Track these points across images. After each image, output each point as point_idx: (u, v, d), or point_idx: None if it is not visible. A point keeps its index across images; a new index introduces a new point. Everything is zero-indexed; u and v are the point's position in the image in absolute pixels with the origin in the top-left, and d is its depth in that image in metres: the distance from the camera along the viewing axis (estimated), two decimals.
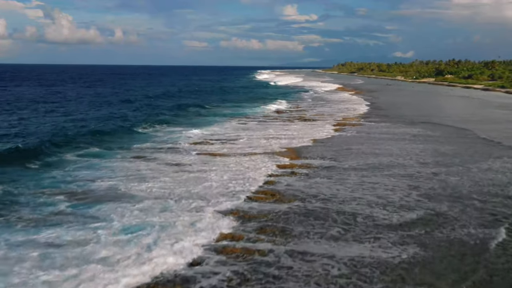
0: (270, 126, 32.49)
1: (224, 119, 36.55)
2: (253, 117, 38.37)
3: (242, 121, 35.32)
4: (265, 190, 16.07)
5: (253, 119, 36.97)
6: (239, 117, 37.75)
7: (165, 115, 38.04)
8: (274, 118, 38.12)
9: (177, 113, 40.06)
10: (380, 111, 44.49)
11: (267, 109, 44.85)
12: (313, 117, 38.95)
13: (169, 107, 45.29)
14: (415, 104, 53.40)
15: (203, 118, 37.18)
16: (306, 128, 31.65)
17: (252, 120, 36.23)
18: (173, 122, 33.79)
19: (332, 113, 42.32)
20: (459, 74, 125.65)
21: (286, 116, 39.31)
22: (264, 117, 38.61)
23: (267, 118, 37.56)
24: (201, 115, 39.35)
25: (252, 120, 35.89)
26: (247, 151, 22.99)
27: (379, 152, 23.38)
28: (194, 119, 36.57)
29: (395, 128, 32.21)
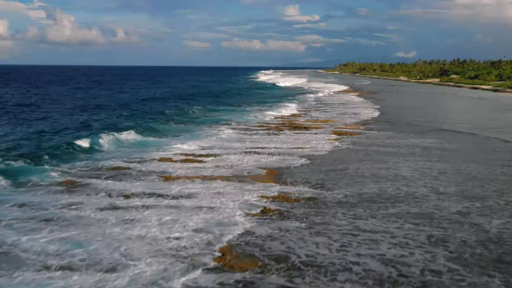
0: (258, 137, 27.00)
1: (208, 127, 31.06)
2: (244, 125, 32.74)
3: (229, 129, 29.67)
4: (212, 250, 10.57)
5: (243, 127, 31.37)
6: (228, 125, 32.11)
7: (142, 122, 32.44)
8: (266, 125, 32.58)
9: (159, 119, 34.38)
10: (383, 115, 38.89)
11: (263, 115, 39.25)
12: (309, 124, 33.42)
13: (154, 111, 39.77)
14: (422, 107, 47.70)
15: (183, 127, 31.51)
16: (298, 139, 26.11)
17: (242, 128, 30.63)
18: (147, 132, 28.11)
19: (331, 118, 36.80)
20: (464, 74, 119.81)
21: (279, 124, 33.75)
22: (255, 124, 33.05)
23: (259, 126, 32.02)
24: (183, 123, 33.71)
25: (242, 129, 30.32)
26: (213, 175, 17.51)
27: (382, 173, 17.85)
28: (174, 128, 30.79)
29: (402, 138, 26.63)
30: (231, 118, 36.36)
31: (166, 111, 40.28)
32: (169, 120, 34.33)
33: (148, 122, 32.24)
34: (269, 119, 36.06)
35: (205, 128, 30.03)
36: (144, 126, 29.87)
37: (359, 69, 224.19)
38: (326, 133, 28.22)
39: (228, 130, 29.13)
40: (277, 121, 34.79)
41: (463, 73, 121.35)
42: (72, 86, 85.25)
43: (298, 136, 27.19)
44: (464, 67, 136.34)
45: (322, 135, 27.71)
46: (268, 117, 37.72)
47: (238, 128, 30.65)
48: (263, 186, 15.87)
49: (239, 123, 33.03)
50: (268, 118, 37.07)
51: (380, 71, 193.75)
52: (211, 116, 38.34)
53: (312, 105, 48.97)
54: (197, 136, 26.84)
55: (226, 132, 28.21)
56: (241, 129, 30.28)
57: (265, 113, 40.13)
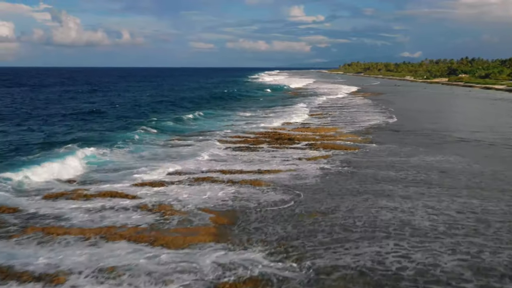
0: (236, 153, 20.83)
1: (196, 141, 24.89)
2: (238, 137, 26.60)
3: (220, 144, 23.46)
4: None
5: (237, 140, 25.24)
6: (221, 136, 25.81)
7: (114, 135, 26.14)
8: (245, 138, 26.36)
9: (140, 132, 27.38)
10: (387, 121, 32.51)
11: (250, 125, 33.09)
12: (298, 134, 27.19)
13: (139, 119, 33.26)
14: (433, 111, 41.12)
15: (164, 143, 24.87)
16: (277, 157, 19.94)
17: (235, 141, 24.48)
18: (112, 152, 21.65)
19: (325, 125, 30.50)
20: (474, 73, 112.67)
21: (260, 135, 27.49)
22: (236, 139, 26.85)
23: (240, 141, 25.82)
24: (168, 135, 27.19)
25: (236, 142, 24.16)
26: (125, 224, 11.38)
27: (382, 223, 11.59)
28: (150, 144, 24.16)
29: (411, 154, 20.27)
30: (226, 127, 30.20)
31: (154, 119, 33.07)
32: (152, 131, 27.42)
33: (125, 134, 26.03)
34: (256, 130, 29.81)
35: (192, 143, 23.49)
36: (114, 141, 23.53)
37: (364, 69, 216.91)
38: (316, 148, 21.92)
39: (218, 145, 22.68)
40: (261, 132, 28.52)
41: (472, 72, 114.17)
42: (61, 88, 79.32)
43: (279, 153, 20.92)
44: (473, 66, 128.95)
45: (310, 151, 21.43)
46: (257, 125, 31.51)
47: (230, 141, 24.35)
48: (188, 256, 9.62)
49: (232, 133, 26.83)
50: (258, 127, 30.86)
51: (385, 70, 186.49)
52: (205, 125, 31.39)
53: (313, 111, 42.61)
54: (176, 155, 20.36)
55: (213, 150, 21.37)
56: (235, 142, 24.04)
57: (259, 122, 33.93)
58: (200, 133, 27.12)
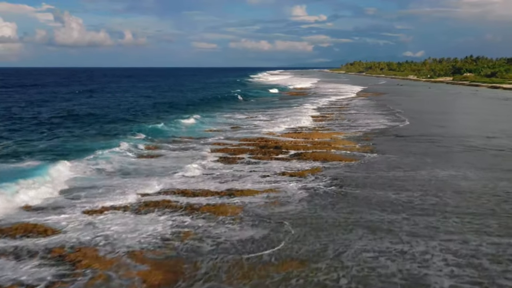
0: (206, 170, 17.31)
1: (183, 150, 21.31)
2: (231, 145, 23.13)
3: (212, 155, 20.10)
4: None
5: (230, 149, 21.76)
6: (199, 148, 22.44)
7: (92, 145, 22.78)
8: (225, 149, 22.85)
9: (134, 140, 24.13)
10: (390, 125, 28.92)
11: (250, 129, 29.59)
12: (288, 140, 23.69)
13: (133, 125, 29.74)
14: (440, 112, 37.36)
15: (147, 155, 21.71)
16: (255, 173, 16.43)
17: (227, 151, 21.02)
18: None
19: (317, 130, 26.93)
20: (479, 72, 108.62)
21: (243, 143, 23.98)
22: (217, 146, 23.36)
23: (220, 149, 22.31)
24: (156, 146, 23.91)
25: (228, 152, 20.69)
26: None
27: (376, 284, 8.05)
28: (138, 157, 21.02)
29: (417, 167, 16.68)
30: (221, 133, 26.67)
31: (145, 124, 28.65)
32: (139, 138, 23.40)
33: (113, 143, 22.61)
34: (251, 136, 26.29)
35: (178, 154, 19.73)
36: (89, 152, 20.01)
37: (366, 68, 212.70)
38: (305, 159, 18.36)
39: (207, 155, 19.09)
40: (246, 138, 24.95)
41: (477, 71, 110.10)
42: (55, 88, 75.94)
43: (261, 166, 17.37)
44: (478, 64, 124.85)
45: (298, 163, 17.87)
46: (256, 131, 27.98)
47: (218, 149, 20.88)
48: None
49: (225, 140, 23.30)
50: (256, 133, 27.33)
51: (387, 70, 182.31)
52: (200, 131, 27.16)
53: (314, 113, 39.05)
54: (155, 169, 16.77)
55: (197, 163, 17.36)
56: (218, 150, 20.54)
57: (258, 126, 30.39)
58: (192, 140, 23.41)
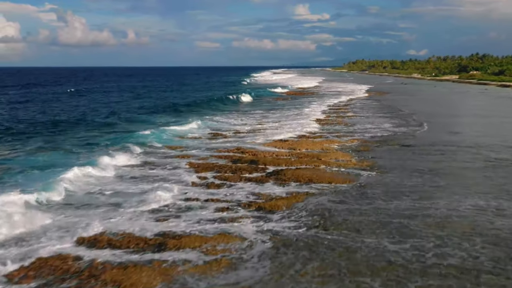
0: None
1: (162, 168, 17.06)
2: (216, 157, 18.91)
3: (189, 175, 15.85)
4: None
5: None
6: (180, 166, 18.22)
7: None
8: (189, 163, 18.67)
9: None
10: (394, 129, 24.60)
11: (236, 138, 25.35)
12: (270, 151, 19.48)
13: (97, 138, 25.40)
14: (451, 114, 32.81)
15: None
16: (212, 204, 12.26)
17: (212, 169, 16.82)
18: None
19: (306, 138, 22.67)
20: (486, 69, 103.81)
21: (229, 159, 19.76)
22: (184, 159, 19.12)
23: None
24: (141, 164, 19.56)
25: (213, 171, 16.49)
26: None
27: None
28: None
29: (430, 193, 12.40)
30: (212, 143, 22.39)
31: (129, 135, 22.59)
32: (117, 155, 17.79)
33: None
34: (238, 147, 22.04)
35: (156, 173, 15.52)
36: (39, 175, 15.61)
37: (368, 67, 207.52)
38: (283, 181, 14.10)
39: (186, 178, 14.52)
40: (220, 149, 20.73)
41: (484, 69, 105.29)
42: (43, 89, 71.92)
43: (222, 192, 13.15)
44: (484, 62, 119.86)
45: (274, 186, 13.63)
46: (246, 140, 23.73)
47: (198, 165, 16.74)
48: None
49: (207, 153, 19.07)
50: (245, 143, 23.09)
51: (390, 68, 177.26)
52: (194, 140, 22.54)
53: (317, 117, 34.79)
54: (118, 200, 12.53)
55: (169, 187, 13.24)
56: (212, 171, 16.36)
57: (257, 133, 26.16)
58: (171, 153, 19.21)
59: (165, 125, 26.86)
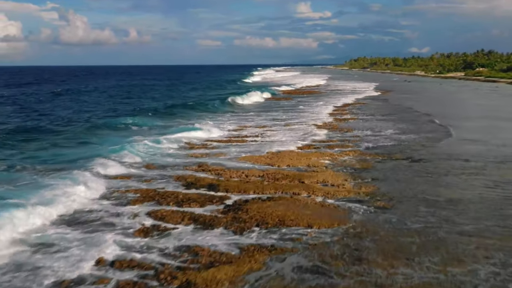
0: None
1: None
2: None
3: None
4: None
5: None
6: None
7: None
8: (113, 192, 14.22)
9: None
10: (400, 136, 20.09)
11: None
12: (240, 168, 15.09)
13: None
14: (464, 116, 28.00)
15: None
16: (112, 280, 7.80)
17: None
18: None
19: (300, 147, 18.20)
20: (493, 66, 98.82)
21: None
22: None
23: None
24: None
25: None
26: None
27: None
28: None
29: (459, 254, 7.94)
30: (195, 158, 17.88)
31: (103, 148, 17.96)
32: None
33: None
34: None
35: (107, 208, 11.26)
36: None
37: (370, 64, 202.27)
38: (240, 223, 9.67)
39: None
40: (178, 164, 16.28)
41: (491, 66, 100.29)
42: (20, 89, 67.39)
43: (137, 244, 8.78)
44: (490, 59, 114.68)
45: (222, 234, 9.21)
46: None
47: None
48: None
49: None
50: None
51: (393, 65, 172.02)
52: (160, 158, 19.46)
53: (319, 120, 30.27)
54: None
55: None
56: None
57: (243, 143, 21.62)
58: (125, 171, 14.78)
59: (128, 133, 22.44)
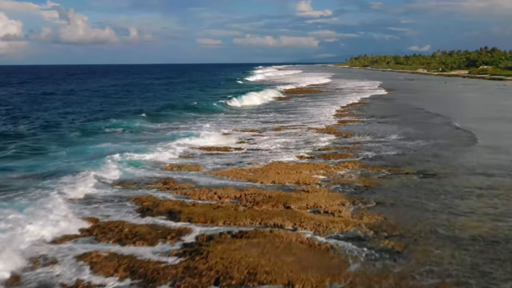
0: None
1: None
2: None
3: None
4: None
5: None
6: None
7: None
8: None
9: None
10: (406, 142, 17.22)
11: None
12: (213, 187, 12.26)
13: None
14: (477, 117, 24.99)
15: None
16: None
17: None
18: None
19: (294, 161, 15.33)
20: (497, 64, 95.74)
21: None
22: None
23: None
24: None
25: None
26: None
27: None
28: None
29: None
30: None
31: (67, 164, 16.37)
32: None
33: None
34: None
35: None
36: None
37: (371, 62, 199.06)
38: (193, 278, 6.85)
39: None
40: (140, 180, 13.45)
41: (495, 63, 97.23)
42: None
43: None
44: (494, 56, 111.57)
45: None
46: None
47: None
48: None
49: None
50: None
51: (394, 63, 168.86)
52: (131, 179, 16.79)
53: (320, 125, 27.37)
54: None
55: None
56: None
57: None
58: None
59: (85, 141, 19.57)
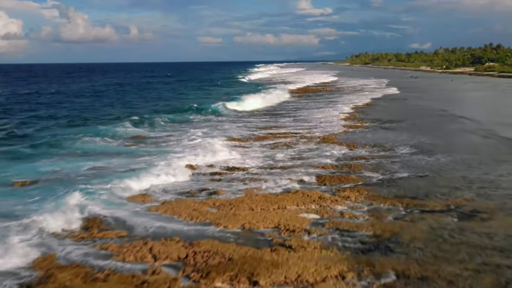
0: None
1: None
2: None
3: None
4: None
5: None
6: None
7: None
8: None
9: None
10: (421, 160, 13.62)
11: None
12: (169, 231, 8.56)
13: None
14: (497, 123, 21.52)
15: None
16: None
17: None
18: None
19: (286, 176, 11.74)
20: (503, 61, 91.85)
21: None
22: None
23: None
24: None
25: None
26: None
27: None
28: None
29: None
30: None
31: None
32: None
33: None
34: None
35: None
36: None
37: (372, 60, 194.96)
38: None
39: None
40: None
41: (501, 60, 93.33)
42: None
43: None
44: (500, 53, 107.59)
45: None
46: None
47: None
48: None
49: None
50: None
51: (395, 61, 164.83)
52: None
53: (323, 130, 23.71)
54: None
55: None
56: None
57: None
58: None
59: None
